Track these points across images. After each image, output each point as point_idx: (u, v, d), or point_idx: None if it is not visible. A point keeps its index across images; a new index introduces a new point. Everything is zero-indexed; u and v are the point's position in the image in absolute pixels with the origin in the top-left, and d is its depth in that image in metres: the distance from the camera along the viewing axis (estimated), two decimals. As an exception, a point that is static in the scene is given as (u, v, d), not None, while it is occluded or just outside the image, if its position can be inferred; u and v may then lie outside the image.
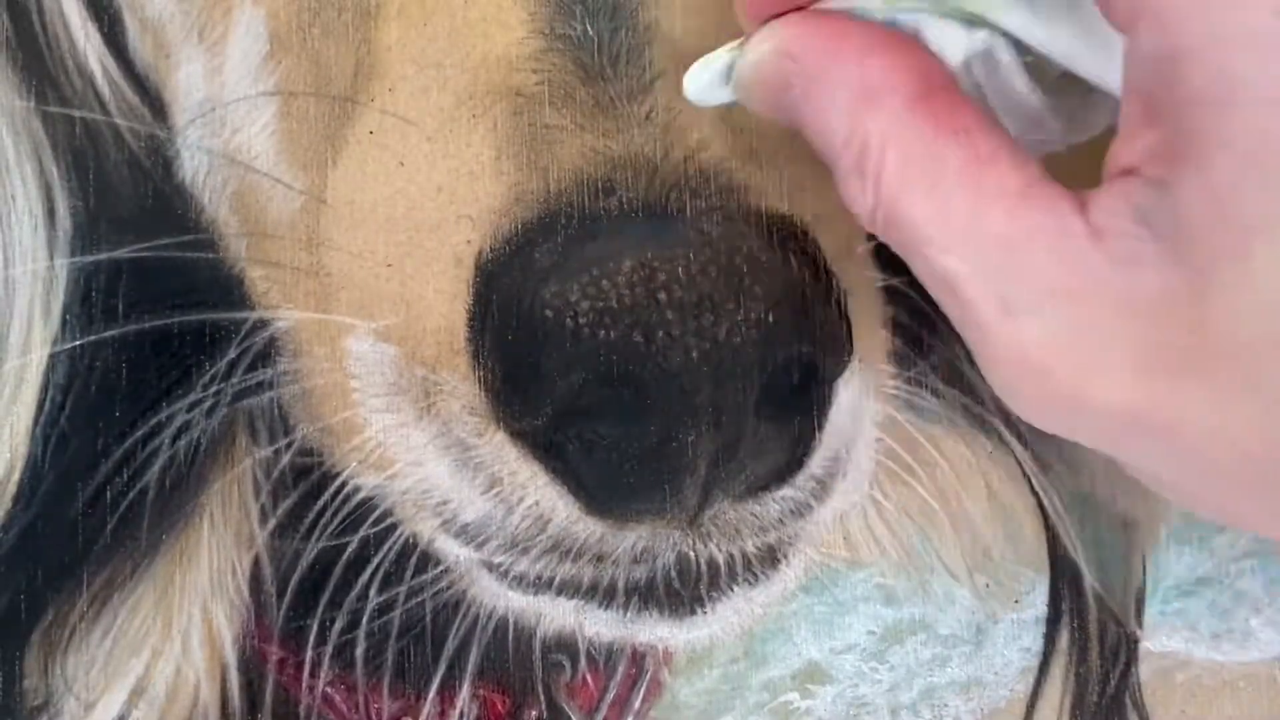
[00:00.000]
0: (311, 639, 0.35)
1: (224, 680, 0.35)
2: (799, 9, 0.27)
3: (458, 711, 0.35)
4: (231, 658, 0.35)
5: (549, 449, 0.31)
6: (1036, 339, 0.23)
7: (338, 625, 0.35)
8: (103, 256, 0.34)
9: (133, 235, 0.34)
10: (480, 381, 0.32)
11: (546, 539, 0.33)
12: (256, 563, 0.35)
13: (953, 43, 0.27)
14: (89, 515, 0.34)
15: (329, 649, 0.35)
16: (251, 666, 0.35)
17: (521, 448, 0.32)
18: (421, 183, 0.32)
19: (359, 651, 0.35)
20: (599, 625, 0.34)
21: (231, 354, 0.34)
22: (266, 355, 0.34)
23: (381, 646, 0.35)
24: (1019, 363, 0.23)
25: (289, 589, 0.35)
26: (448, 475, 0.33)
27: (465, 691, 0.35)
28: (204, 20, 0.34)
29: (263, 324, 0.34)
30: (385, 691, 0.35)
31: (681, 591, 0.34)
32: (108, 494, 0.34)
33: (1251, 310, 0.21)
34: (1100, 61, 0.25)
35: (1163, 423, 0.22)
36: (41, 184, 0.35)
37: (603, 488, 0.31)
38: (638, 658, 0.36)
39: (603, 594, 0.33)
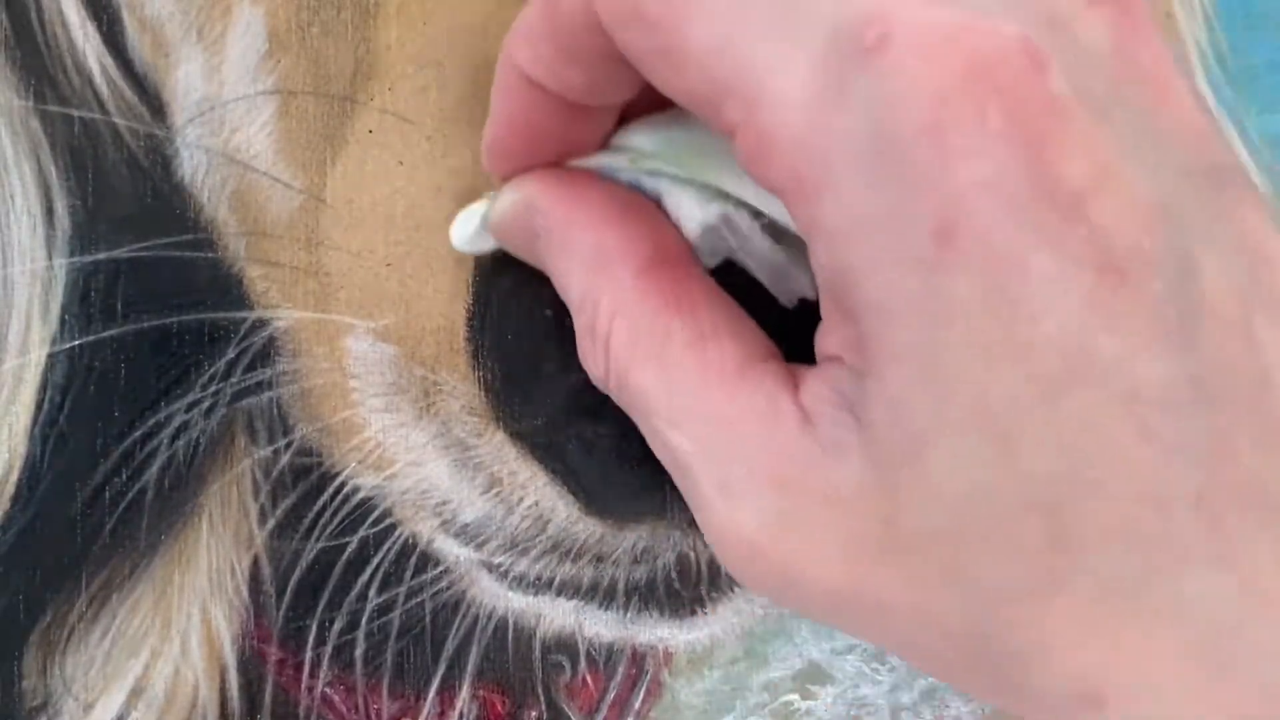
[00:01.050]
0: (311, 639, 0.35)
1: (223, 681, 0.35)
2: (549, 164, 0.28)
3: (457, 712, 0.35)
4: (230, 658, 0.35)
5: (549, 449, 0.31)
6: (752, 524, 0.24)
7: (337, 626, 0.35)
8: (101, 256, 0.34)
9: (131, 235, 0.34)
10: (480, 381, 0.31)
11: (546, 539, 0.33)
12: (255, 563, 0.35)
13: (689, 214, 0.27)
14: (88, 515, 0.34)
15: (328, 649, 0.35)
16: (250, 667, 0.35)
17: (521, 448, 0.32)
18: (421, 182, 0.32)
19: (358, 652, 0.35)
20: (599, 626, 0.34)
21: (230, 354, 0.34)
22: (266, 355, 0.34)
23: (381, 647, 0.35)
24: (736, 544, 0.24)
25: (288, 589, 0.35)
26: (447, 475, 0.33)
27: (465, 692, 0.35)
28: (203, 19, 0.34)
29: (262, 324, 0.34)
30: (385, 692, 0.35)
31: (682, 592, 0.33)
32: (106, 494, 0.34)
33: (931, 508, 0.22)
34: None
35: (870, 605, 0.23)
36: (40, 183, 0.35)
37: (603, 488, 0.31)
38: (638, 658, 0.36)
39: (603, 594, 0.33)
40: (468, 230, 0.30)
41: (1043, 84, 0.21)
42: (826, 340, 0.24)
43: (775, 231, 0.27)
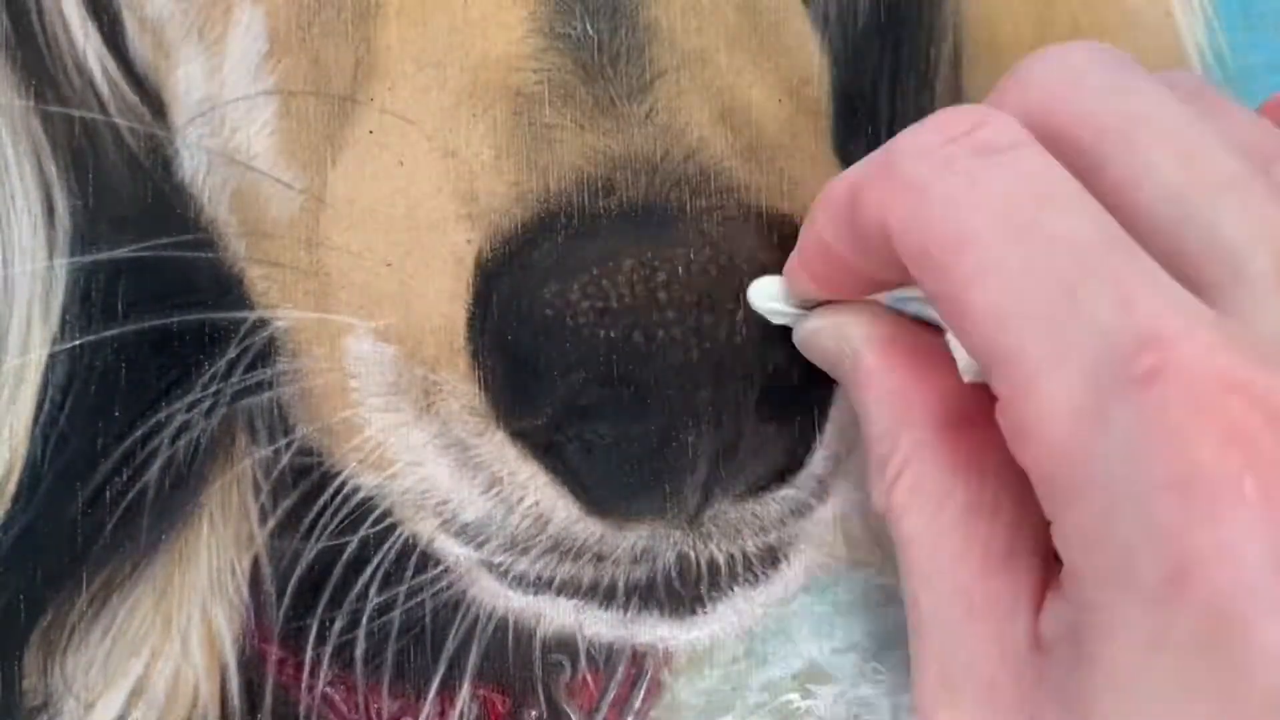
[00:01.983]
0: (311, 639, 0.35)
1: (223, 680, 0.35)
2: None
3: (458, 711, 0.35)
4: (231, 658, 0.35)
5: (549, 449, 0.31)
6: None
7: (337, 625, 0.35)
8: (102, 256, 0.34)
9: (132, 235, 0.34)
10: (480, 381, 0.31)
11: (546, 539, 0.33)
12: (256, 563, 0.35)
13: (964, 355, 0.27)
14: (88, 515, 0.34)
15: (329, 649, 0.35)
16: (251, 666, 0.35)
17: (521, 447, 0.32)
18: (421, 182, 0.32)
19: (359, 651, 0.35)
20: (599, 625, 0.34)
21: (231, 354, 0.34)
22: (266, 355, 0.34)
23: (381, 646, 0.35)
24: None
25: (288, 589, 0.35)
26: (447, 475, 0.33)
27: (465, 691, 0.35)
28: (203, 19, 0.34)
29: (262, 324, 0.34)
30: (385, 691, 0.35)
31: (682, 591, 0.33)
32: (107, 494, 0.34)
33: None
34: None
35: None
36: (41, 183, 0.35)
37: (603, 487, 0.31)
38: (638, 658, 0.36)
39: (603, 594, 0.33)
40: (767, 305, 0.30)
41: None
42: (1053, 590, 0.24)
43: None
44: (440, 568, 0.34)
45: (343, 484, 0.34)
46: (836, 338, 0.29)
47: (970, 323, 0.24)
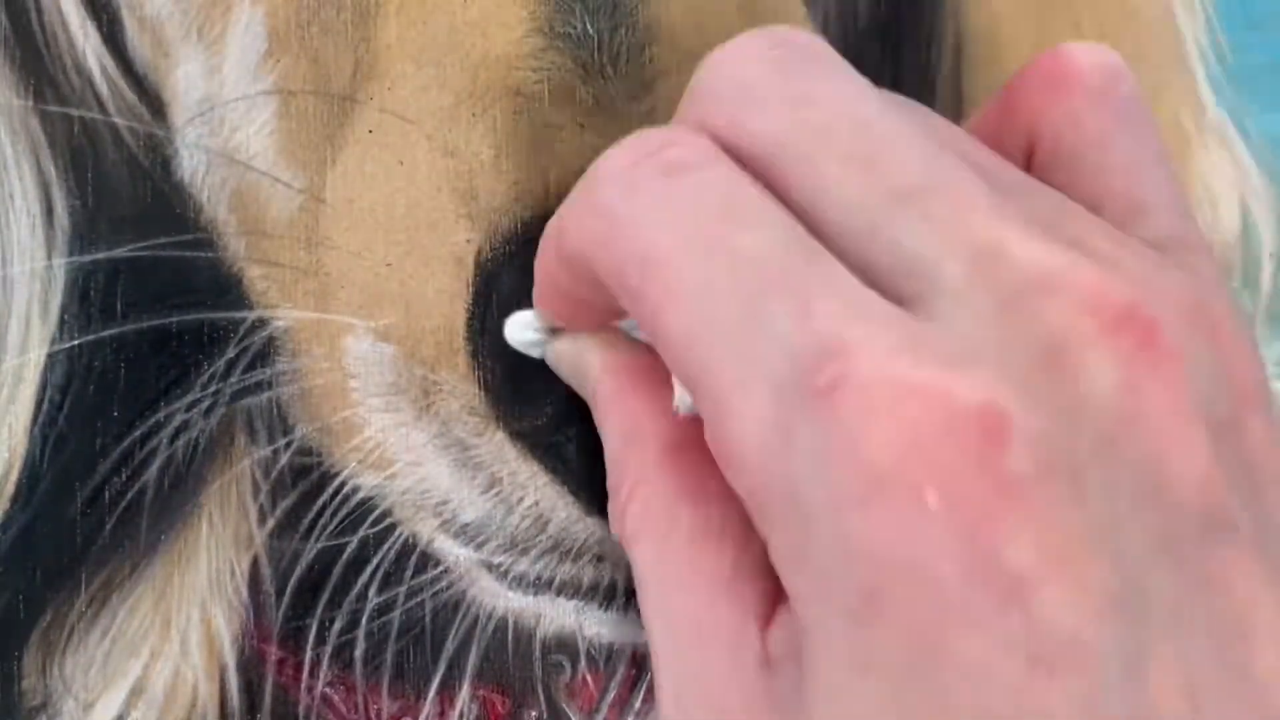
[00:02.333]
0: (310, 639, 0.35)
1: (223, 681, 0.35)
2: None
3: (457, 712, 0.35)
4: (230, 658, 0.35)
5: (549, 449, 0.31)
6: None
7: (337, 625, 0.35)
8: (101, 256, 0.34)
9: (131, 234, 0.34)
10: (480, 381, 0.31)
11: (546, 539, 0.33)
12: (255, 563, 0.35)
13: (680, 389, 0.27)
14: (87, 515, 0.34)
15: (328, 649, 0.35)
16: (250, 667, 0.35)
17: (521, 447, 0.32)
18: (421, 182, 0.32)
19: (358, 652, 0.35)
20: (599, 626, 0.34)
21: (230, 353, 0.34)
22: (265, 355, 0.34)
23: (381, 647, 0.35)
24: None
25: (288, 589, 0.35)
26: (447, 475, 0.33)
27: (465, 692, 0.35)
28: (202, 18, 0.34)
29: (261, 323, 0.34)
30: (385, 692, 0.35)
31: (682, 592, 0.33)
32: (106, 494, 0.34)
33: None
34: None
35: None
36: (39, 183, 0.34)
37: (603, 488, 0.31)
38: (638, 658, 0.36)
39: (603, 594, 0.33)
40: (522, 337, 0.30)
41: (995, 461, 0.20)
42: (782, 606, 0.24)
43: None
44: (440, 568, 0.34)
45: (342, 484, 0.34)
46: (576, 364, 0.29)
47: (665, 346, 0.24)
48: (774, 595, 0.24)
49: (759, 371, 0.22)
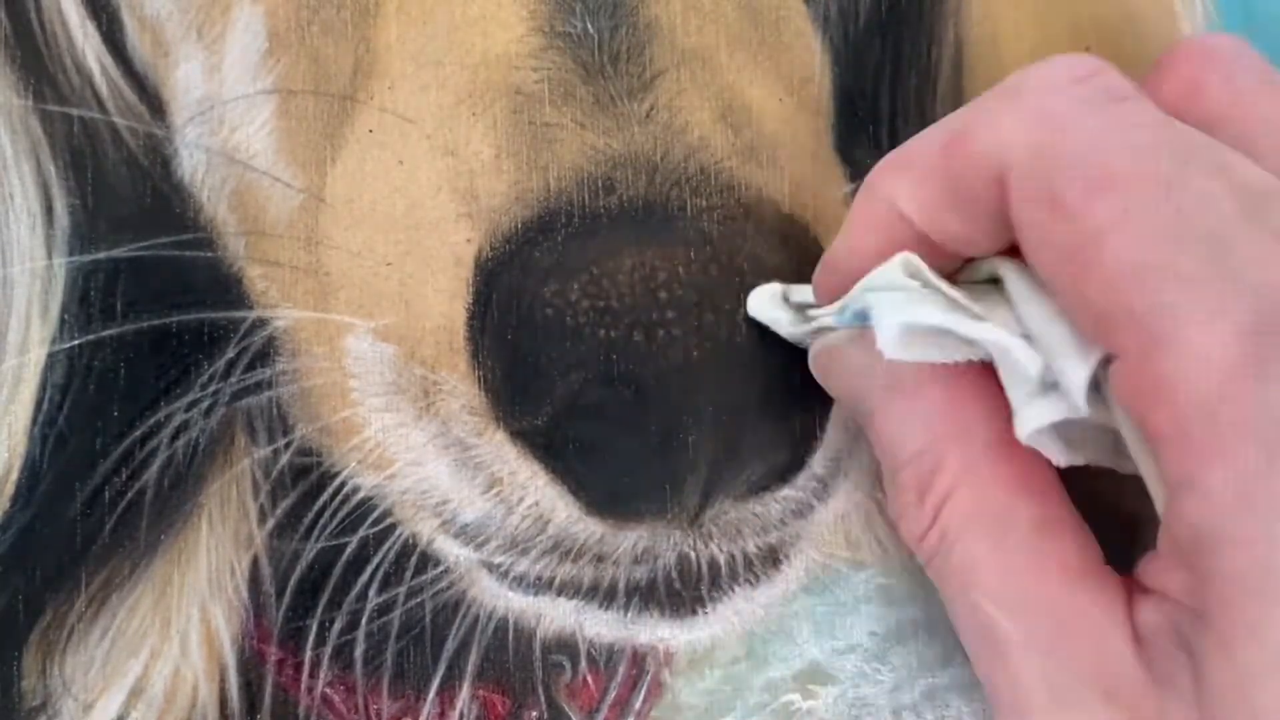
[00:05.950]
0: (310, 639, 0.35)
1: (222, 681, 0.35)
2: None
3: (457, 712, 0.35)
4: (230, 658, 0.35)
5: (549, 449, 0.31)
6: None
7: (337, 626, 0.34)
8: (101, 255, 0.34)
9: (131, 234, 0.34)
10: (480, 381, 0.31)
11: (546, 539, 0.33)
12: (255, 563, 0.35)
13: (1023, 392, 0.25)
14: (87, 515, 0.34)
15: (328, 649, 0.35)
16: (250, 667, 0.35)
17: (521, 447, 0.32)
18: (421, 181, 0.32)
19: (358, 652, 0.35)
20: (599, 626, 0.34)
21: (230, 353, 0.34)
22: (265, 354, 0.34)
23: (381, 647, 0.35)
24: None
25: (288, 589, 0.34)
26: (447, 475, 0.32)
27: (465, 692, 0.35)
28: (202, 18, 0.34)
29: (261, 323, 0.34)
30: (385, 692, 0.35)
31: (682, 592, 0.33)
32: (106, 494, 0.34)
33: None
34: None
35: None
36: (39, 182, 0.34)
37: (603, 487, 0.31)
38: (638, 658, 0.36)
39: (603, 594, 0.33)
40: (769, 312, 0.29)
41: None
42: (1163, 576, 0.23)
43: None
44: (440, 568, 0.34)
45: (342, 484, 0.34)
46: (866, 348, 0.27)
47: (1100, 274, 0.23)
48: (1122, 586, 0.24)
49: (1226, 309, 0.22)
